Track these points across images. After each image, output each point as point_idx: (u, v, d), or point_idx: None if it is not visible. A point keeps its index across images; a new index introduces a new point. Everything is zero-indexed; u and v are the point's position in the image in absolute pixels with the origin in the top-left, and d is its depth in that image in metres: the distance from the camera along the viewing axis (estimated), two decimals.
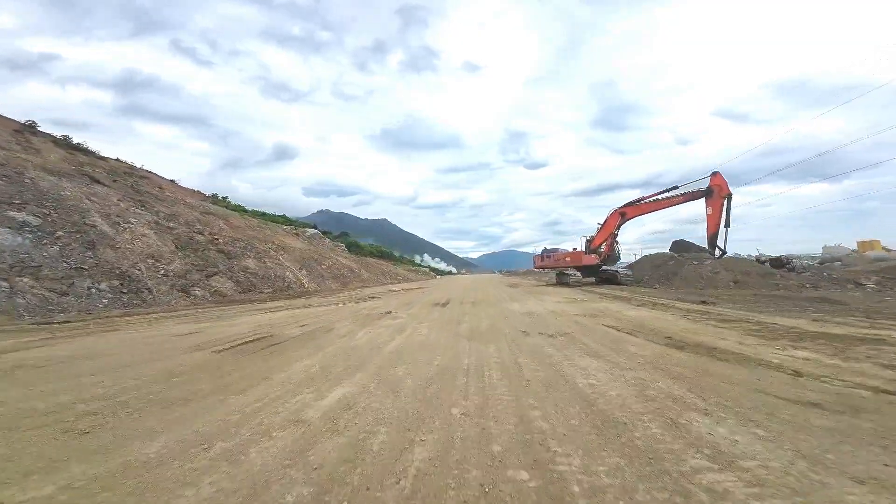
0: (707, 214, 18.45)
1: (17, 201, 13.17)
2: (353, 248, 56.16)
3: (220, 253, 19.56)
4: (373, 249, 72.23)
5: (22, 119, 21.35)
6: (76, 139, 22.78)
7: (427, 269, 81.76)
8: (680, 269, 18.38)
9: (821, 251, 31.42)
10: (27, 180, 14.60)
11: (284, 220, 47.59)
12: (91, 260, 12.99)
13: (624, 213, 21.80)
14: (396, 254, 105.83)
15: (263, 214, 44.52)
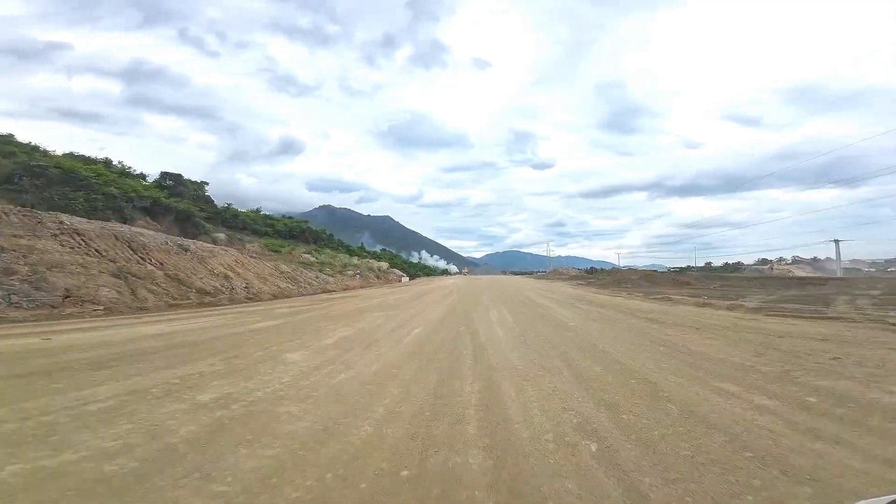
0: None
1: None
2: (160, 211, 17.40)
3: None
4: (251, 217, 33.39)
5: None
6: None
7: (385, 266, 43.96)
8: None
9: None
10: None
11: None
12: None
13: None
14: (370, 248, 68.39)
15: None
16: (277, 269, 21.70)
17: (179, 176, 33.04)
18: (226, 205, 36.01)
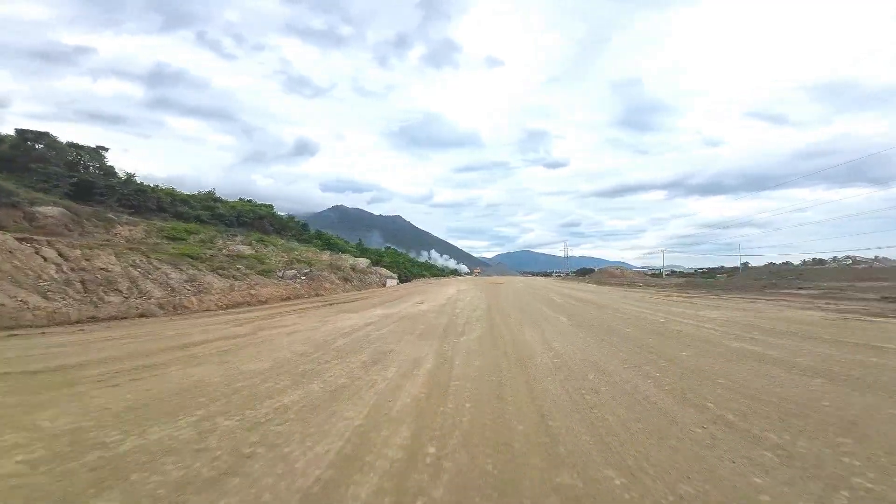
0: None
1: None
2: None
3: None
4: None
5: None
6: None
7: (364, 265, 32.55)
8: None
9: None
10: None
11: None
12: None
13: None
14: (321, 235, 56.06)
15: None
16: (81, 263, 10.35)
17: (46, 134, 22.08)
18: (127, 174, 24.94)
